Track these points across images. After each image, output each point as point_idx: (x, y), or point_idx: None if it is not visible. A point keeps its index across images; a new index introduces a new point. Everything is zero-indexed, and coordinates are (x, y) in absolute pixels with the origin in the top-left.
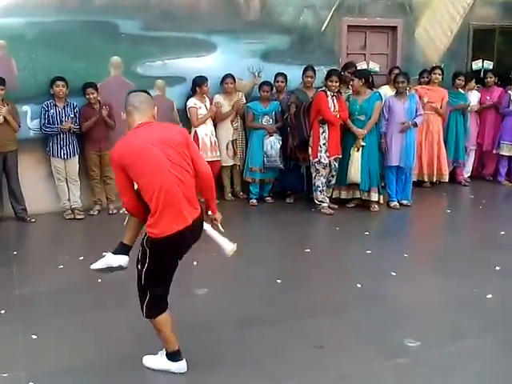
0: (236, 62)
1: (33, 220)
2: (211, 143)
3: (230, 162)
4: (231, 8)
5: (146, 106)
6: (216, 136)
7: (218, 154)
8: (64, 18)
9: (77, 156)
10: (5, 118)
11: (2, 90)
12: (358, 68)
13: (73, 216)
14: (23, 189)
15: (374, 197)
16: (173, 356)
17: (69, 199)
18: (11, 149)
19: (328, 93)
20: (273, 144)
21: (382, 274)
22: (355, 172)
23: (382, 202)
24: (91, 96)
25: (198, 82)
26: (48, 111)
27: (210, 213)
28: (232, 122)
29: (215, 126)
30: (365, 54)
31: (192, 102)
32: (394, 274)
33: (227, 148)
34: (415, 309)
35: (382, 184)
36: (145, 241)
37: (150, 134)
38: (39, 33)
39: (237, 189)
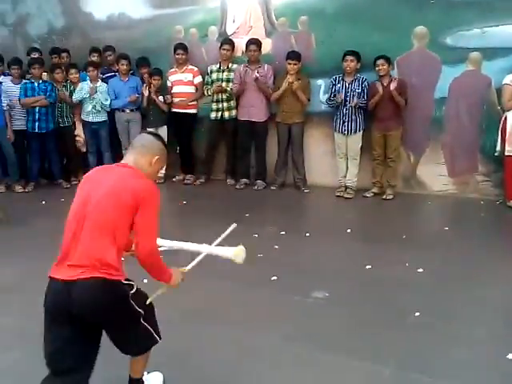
0: None
1: (306, 191)
2: None
3: None
4: None
5: (137, 149)
6: None
7: None
8: None
9: (359, 133)
10: (295, 91)
11: (295, 64)
12: None
13: (342, 194)
14: (309, 160)
15: None
16: None
17: (345, 176)
18: (297, 121)
19: None
20: None
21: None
22: None
23: None
24: (381, 67)
25: None
26: (335, 85)
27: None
28: None
29: None
30: None
31: (509, 78)
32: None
33: None
34: None
35: None
36: None
37: (109, 177)
38: (340, 6)
39: None
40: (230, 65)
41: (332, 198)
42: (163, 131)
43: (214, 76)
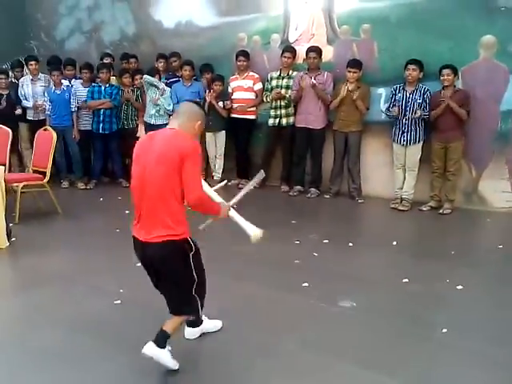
0: None
1: (360, 201)
2: None
3: None
4: None
5: (182, 116)
6: None
7: None
8: None
9: (419, 144)
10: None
11: (355, 72)
12: None
13: (397, 206)
14: (365, 170)
15: None
16: None
17: (401, 188)
18: (354, 129)
19: None
20: None
21: None
22: None
23: None
24: (446, 78)
25: None
26: (395, 95)
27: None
28: None
29: None
30: None
31: None
32: None
33: None
34: None
35: None
36: None
37: (156, 143)
38: (404, 14)
39: None
40: (290, 72)
41: (386, 209)
42: (222, 136)
43: (274, 83)
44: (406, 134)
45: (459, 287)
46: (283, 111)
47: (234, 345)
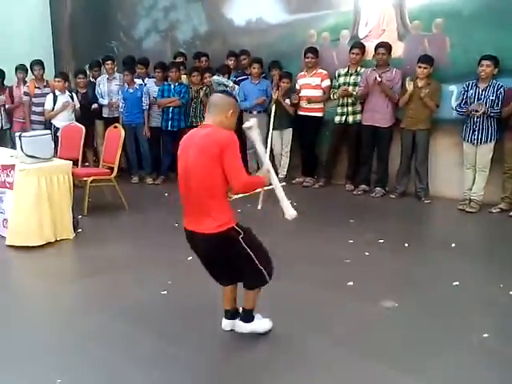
0: None
1: (427, 201)
2: None
3: None
4: None
5: (213, 109)
6: None
7: None
8: None
9: (490, 143)
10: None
11: (426, 68)
12: None
13: (465, 207)
14: (434, 170)
15: None
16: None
17: (470, 189)
18: (422, 127)
19: None
20: None
21: None
22: None
23: None
24: None
25: None
26: (467, 91)
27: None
28: None
29: None
30: None
31: None
32: None
33: None
34: None
35: None
36: None
37: (196, 139)
38: (478, 8)
39: None
40: (358, 68)
41: (453, 210)
42: (288, 133)
43: (341, 80)
44: (476, 133)
45: None
46: (350, 108)
47: (263, 337)
